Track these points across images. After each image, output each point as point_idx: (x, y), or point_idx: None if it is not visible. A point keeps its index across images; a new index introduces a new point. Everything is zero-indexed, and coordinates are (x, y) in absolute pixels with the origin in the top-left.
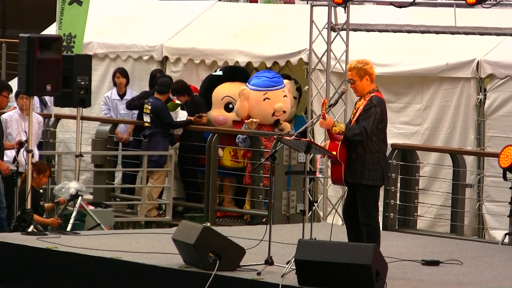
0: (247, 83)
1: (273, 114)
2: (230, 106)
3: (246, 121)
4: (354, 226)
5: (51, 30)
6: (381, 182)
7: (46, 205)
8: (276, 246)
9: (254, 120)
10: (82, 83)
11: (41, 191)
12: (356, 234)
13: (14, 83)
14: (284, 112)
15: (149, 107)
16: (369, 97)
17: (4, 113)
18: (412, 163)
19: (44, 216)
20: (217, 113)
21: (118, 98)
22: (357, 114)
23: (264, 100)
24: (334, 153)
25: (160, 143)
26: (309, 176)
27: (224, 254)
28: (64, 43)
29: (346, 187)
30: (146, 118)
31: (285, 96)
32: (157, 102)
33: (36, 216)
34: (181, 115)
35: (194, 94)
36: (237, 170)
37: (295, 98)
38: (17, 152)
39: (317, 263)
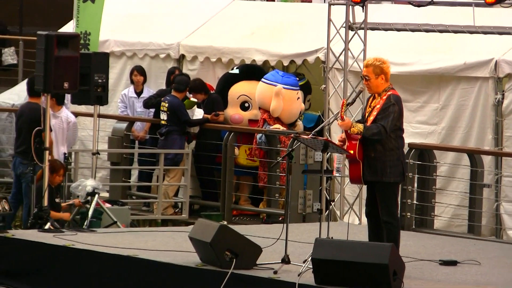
0: (266, 79)
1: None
2: (246, 104)
3: (272, 127)
4: (378, 225)
5: (68, 27)
6: (402, 178)
7: (62, 204)
8: (292, 245)
9: (279, 126)
10: (99, 80)
11: (58, 188)
12: (378, 233)
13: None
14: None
15: (166, 105)
16: (386, 96)
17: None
18: (429, 162)
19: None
20: (233, 111)
21: (135, 96)
22: (374, 113)
23: (297, 99)
24: (352, 152)
25: (177, 141)
26: (326, 175)
27: (240, 253)
28: (82, 41)
29: (364, 186)
30: (163, 116)
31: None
32: (174, 100)
33: (53, 213)
34: (197, 113)
35: (211, 92)
36: (252, 168)
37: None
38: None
39: (334, 262)
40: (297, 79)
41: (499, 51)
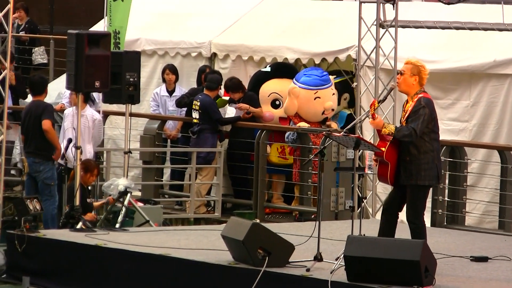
0: (295, 80)
1: (323, 113)
2: (277, 102)
3: (298, 125)
4: (392, 222)
5: (99, 26)
6: (436, 181)
7: (95, 203)
8: (325, 242)
9: (306, 124)
10: (131, 79)
11: (89, 188)
12: (391, 230)
13: (62, 80)
14: (333, 110)
15: (198, 104)
16: (417, 98)
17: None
18: (460, 159)
19: (93, 213)
20: (264, 109)
21: (167, 94)
22: (406, 115)
23: (315, 99)
24: (383, 149)
25: (209, 139)
26: (358, 173)
27: (273, 251)
28: (114, 40)
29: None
30: (195, 115)
31: (333, 94)
32: (206, 98)
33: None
34: (230, 112)
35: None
36: (284, 166)
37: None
38: (66, 149)
39: (366, 259)
40: (333, 77)
41: None
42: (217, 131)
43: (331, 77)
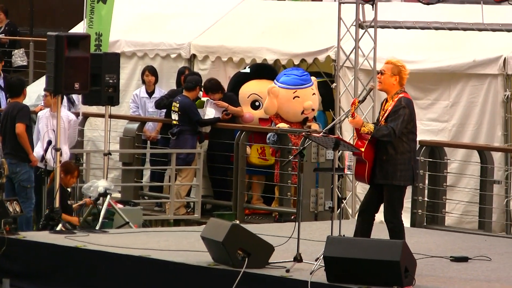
0: (275, 81)
1: (302, 112)
2: (257, 103)
3: (277, 126)
4: (369, 224)
5: (79, 28)
6: (411, 182)
7: (74, 206)
8: (304, 243)
9: (285, 125)
10: (110, 81)
11: (69, 189)
12: (367, 231)
13: (41, 82)
14: (313, 110)
15: (177, 105)
16: (397, 98)
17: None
18: (440, 159)
19: (73, 215)
20: (243, 110)
21: (147, 96)
22: (386, 115)
23: (293, 98)
24: (362, 149)
25: (188, 140)
26: (337, 173)
27: (253, 251)
28: (96, 42)
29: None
30: (174, 116)
31: (313, 94)
32: (185, 99)
33: (63, 215)
34: (209, 113)
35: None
36: (264, 167)
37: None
38: (45, 151)
39: (346, 259)
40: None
41: (508, 48)
42: (197, 132)
43: (313, 78)
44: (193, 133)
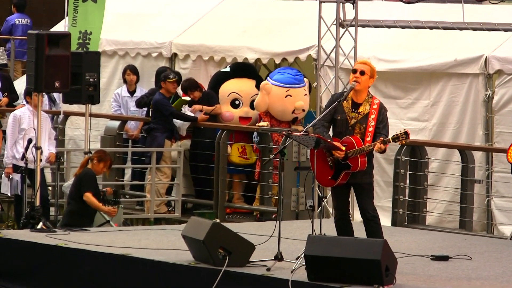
0: (268, 78)
1: (292, 112)
2: (237, 102)
3: (259, 124)
4: (350, 226)
5: (60, 27)
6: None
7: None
8: (285, 242)
9: (265, 123)
10: (91, 80)
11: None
12: (346, 228)
13: (22, 81)
14: (304, 110)
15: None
16: (378, 103)
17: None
18: (421, 159)
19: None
20: (223, 109)
21: (128, 95)
22: (370, 120)
23: (286, 97)
24: (344, 148)
25: (157, 138)
26: None
27: (233, 250)
28: (80, 40)
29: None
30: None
31: (305, 95)
32: (157, 96)
33: (97, 203)
34: (188, 112)
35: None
36: (245, 166)
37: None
38: (26, 149)
39: (326, 258)
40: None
41: (489, 47)
42: (168, 130)
43: (306, 79)
44: (163, 130)
